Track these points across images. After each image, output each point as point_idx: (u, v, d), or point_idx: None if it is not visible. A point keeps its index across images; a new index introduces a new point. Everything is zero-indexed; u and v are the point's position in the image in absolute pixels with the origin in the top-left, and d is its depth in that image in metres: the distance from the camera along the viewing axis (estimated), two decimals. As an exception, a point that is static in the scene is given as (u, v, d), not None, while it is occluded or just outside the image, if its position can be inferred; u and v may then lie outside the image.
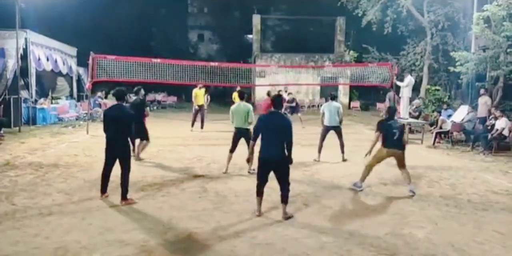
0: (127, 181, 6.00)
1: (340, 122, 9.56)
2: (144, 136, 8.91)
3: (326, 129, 9.53)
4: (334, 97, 9.89)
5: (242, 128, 7.95)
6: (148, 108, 8.95)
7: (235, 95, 16.48)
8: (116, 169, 6.05)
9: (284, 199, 5.48)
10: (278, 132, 5.32)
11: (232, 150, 8.12)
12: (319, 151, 9.52)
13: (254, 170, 7.62)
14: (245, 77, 17.65)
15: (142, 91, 9.19)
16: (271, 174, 5.50)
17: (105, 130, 6.07)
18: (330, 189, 7.04)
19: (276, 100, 5.65)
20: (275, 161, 5.37)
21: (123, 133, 5.96)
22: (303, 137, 11.97)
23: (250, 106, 8.06)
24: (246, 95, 8.58)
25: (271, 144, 5.34)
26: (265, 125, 5.47)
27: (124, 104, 6.28)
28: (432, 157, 10.31)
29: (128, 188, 6.02)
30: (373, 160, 6.98)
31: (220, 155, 9.84)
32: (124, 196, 5.97)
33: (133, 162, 8.25)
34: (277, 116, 5.50)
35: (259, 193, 5.55)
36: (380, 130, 6.88)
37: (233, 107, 8.14)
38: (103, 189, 6.21)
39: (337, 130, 9.54)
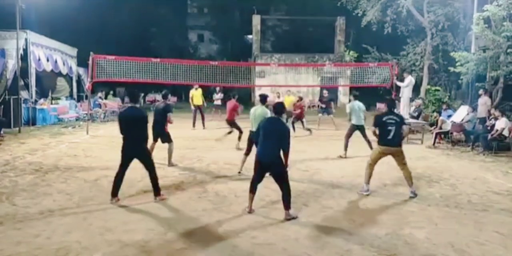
0: (155, 178, 6.17)
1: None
2: (166, 139, 8.68)
3: (353, 128, 10.08)
4: (356, 96, 10.38)
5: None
6: (170, 113, 8.45)
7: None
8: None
9: (286, 204, 5.53)
10: (274, 137, 5.46)
11: (247, 153, 7.97)
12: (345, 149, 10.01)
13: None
14: (245, 78, 17.67)
15: (170, 96, 9.04)
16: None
17: (121, 132, 6.09)
18: (330, 189, 7.04)
19: (277, 107, 5.84)
20: (269, 164, 5.50)
21: (139, 135, 6.00)
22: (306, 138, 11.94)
23: (268, 111, 7.84)
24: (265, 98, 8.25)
25: (267, 147, 5.48)
26: (263, 129, 5.60)
27: (137, 105, 6.32)
28: (432, 158, 10.30)
29: (158, 185, 6.20)
30: (370, 159, 6.93)
31: (220, 155, 9.86)
32: (157, 192, 6.18)
33: (134, 163, 8.25)
34: (276, 122, 5.65)
35: (252, 190, 5.69)
36: (375, 125, 6.76)
37: (252, 110, 8.06)
38: (115, 192, 6.10)
39: (362, 128, 10.11)
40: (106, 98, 20.03)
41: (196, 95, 15.50)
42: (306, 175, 8.03)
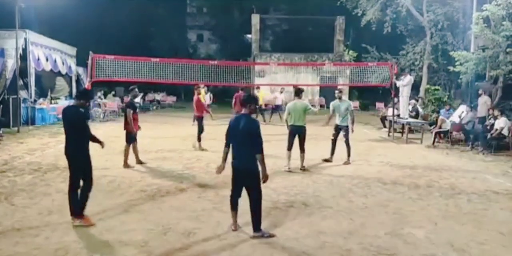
0: (85, 197, 5.13)
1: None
2: (126, 138, 8.32)
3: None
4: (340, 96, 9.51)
5: (298, 126, 8.10)
6: (129, 110, 8.12)
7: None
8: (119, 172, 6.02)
9: (255, 223, 4.79)
10: (245, 138, 4.71)
11: (289, 148, 8.25)
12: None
13: (304, 166, 8.31)
14: (244, 77, 17.71)
15: (135, 92, 8.51)
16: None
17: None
18: (330, 189, 7.03)
19: (244, 99, 4.96)
20: (244, 172, 4.80)
21: (71, 138, 5.26)
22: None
23: (307, 102, 8.24)
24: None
25: (240, 152, 4.81)
26: (231, 130, 4.89)
27: (81, 105, 5.30)
28: (432, 157, 10.31)
29: (84, 205, 5.12)
30: None
31: (219, 155, 9.83)
32: (79, 212, 5.07)
33: (133, 162, 8.24)
34: (243, 119, 4.78)
35: (233, 206, 4.98)
36: None
37: (289, 104, 8.31)
38: (76, 210, 5.10)
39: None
40: (105, 97, 20.02)
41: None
42: (305, 175, 8.02)
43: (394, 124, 13.81)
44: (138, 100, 24.03)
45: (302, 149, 8.25)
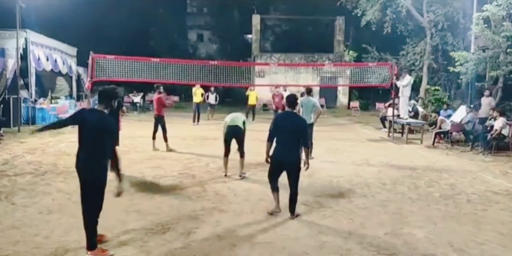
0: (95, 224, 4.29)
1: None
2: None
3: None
4: (310, 91, 9.39)
5: (234, 126, 7.46)
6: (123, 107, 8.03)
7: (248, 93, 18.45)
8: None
9: (292, 205, 5.46)
10: (294, 134, 5.33)
11: (227, 154, 7.72)
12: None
13: (244, 173, 7.69)
14: (244, 77, 17.78)
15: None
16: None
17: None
18: (330, 189, 7.04)
19: (290, 99, 5.62)
20: (290, 164, 5.35)
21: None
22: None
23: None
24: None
25: (288, 146, 5.34)
26: (279, 126, 5.42)
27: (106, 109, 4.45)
28: (432, 157, 10.31)
29: (95, 235, 4.30)
30: None
31: (218, 155, 9.83)
32: (92, 245, 4.24)
33: (133, 161, 8.26)
34: (292, 116, 5.49)
35: (274, 188, 5.54)
36: None
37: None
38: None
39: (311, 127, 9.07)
40: (105, 97, 20.02)
41: (197, 93, 16.94)
42: (305, 175, 7.99)
43: (394, 124, 13.81)
44: (138, 100, 24.14)
45: (241, 154, 7.53)
